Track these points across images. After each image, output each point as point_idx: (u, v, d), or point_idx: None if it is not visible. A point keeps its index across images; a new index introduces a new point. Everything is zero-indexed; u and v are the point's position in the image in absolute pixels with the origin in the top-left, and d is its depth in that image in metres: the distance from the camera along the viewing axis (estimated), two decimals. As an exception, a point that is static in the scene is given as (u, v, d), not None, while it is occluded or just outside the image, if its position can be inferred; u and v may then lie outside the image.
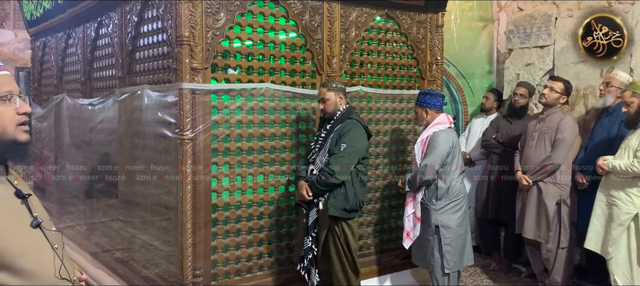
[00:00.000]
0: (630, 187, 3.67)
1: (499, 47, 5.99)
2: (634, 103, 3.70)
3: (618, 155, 3.77)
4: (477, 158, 5.43)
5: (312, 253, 3.55)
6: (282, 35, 3.78)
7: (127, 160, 4.15)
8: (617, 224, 3.72)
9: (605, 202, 3.84)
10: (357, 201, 3.52)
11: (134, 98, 3.93)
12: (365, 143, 3.55)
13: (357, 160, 3.50)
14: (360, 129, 3.53)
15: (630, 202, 3.67)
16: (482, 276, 5.06)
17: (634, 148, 3.65)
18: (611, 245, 3.74)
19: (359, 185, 3.53)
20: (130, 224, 4.17)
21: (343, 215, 3.50)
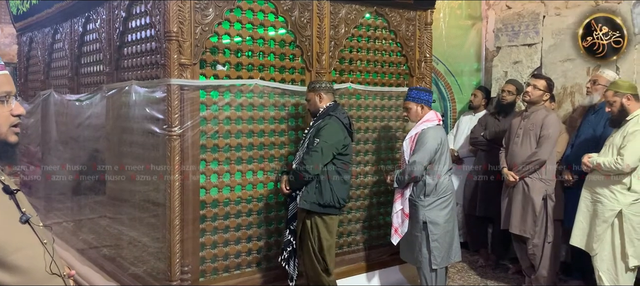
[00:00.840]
0: (614, 184, 3.71)
1: (487, 45, 6.02)
2: (617, 102, 3.75)
3: (602, 153, 3.81)
4: (465, 156, 5.46)
5: (291, 245, 3.63)
6: (271, 32, 3.78)
7: (115, 157, 4.13)
8: (601, 221, 3.76)
9: (590, 199, 3.88)
10: (334, 197, 3.51)
11: (122, 94, 3.91)
12: (340, 139, 3.51)
13: (332, 156, 3.49)
14: (336, 125, 3.52)
15: (614, 199, 3.71)
16: (469, 272, 5.09)
17: (617, 145, 3.69)
18: (596, 241, 3.79)
19: (337, 182, 3.53)
20: (117, 221, 4.15)
21: (315, 209, 3.51)
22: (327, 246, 3.58)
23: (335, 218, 3.63)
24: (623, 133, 3.70)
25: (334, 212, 3.58)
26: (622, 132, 3.72)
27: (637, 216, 3.67)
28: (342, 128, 3.55)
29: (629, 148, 3.60)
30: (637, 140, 3.60)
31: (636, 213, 3.67)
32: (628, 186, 3.67)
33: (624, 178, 3.67)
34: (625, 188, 3.68)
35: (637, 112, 3.71)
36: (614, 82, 3.91)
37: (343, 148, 3.56)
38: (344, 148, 3.56)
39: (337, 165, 3.54)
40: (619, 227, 3.70)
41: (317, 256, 3.58)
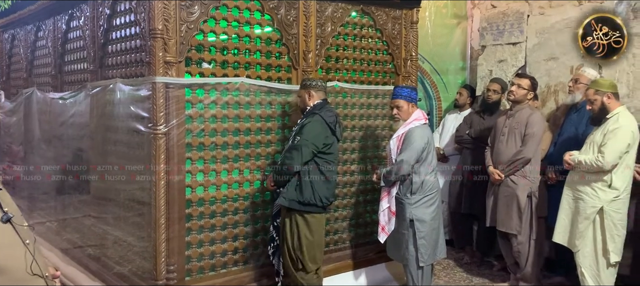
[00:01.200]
0: (595, 181, 3.76)
1: (472, 43, 6.06)
2: (598, 100, 3.80)
3: (583, 151, 3.86)
4: (450, 154, 5.50)
5: (275, 241, 3.66)
6: (257, 30, 3.76)
7: (99, 155, 4.09)
8: (583, 217, 3.81)
9: (571, 196, 3.93)
10: (315, 196, 3.49)
11: (106, 92, 3.87)
12: (321, 138, 3.48)
13: (312, 153, 3.48)
14: (318, 123, 3.50)
15: (596, 196, 3.76)
16: (455, 269, 5.13)
17: (598, 143, 3.75)
18: (578, 238, 3.84)
19: (319, 180, 3.52)
20: (102, 220, 4.12)
21: (295, 207, 3.51)
22: (307, 244, 3.56)
23: (318, 216, 3.60)
24: (603, 131, 3.75)
25: (315, 210, 3.55)
26: (603, 130, 3.77)
27: (617, 213, 3.73)
28: (325, 127, 3.53)
29: (609, 146, 3.65)
30: (617, 138, 3.65)
31: (617, 209, 3.73)
32: (609, 183, 3.73)
33: (605, 176, 3.73)
34: (606, 185, 3.73)
35: (617, 110, 3.77)
36: (595, 81, 3.96)
37: (325, 147, 3.53)
38: (326, 147, 3.53)
39: (319, 163, 3.52)
40: (600, 224, 3.75)
41: (291, 254, 3.59)
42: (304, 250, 3.56)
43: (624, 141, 3.66)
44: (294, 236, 3.57)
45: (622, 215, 3.76)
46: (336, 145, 3.65)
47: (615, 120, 3.73)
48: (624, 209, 3.78)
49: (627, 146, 3.67)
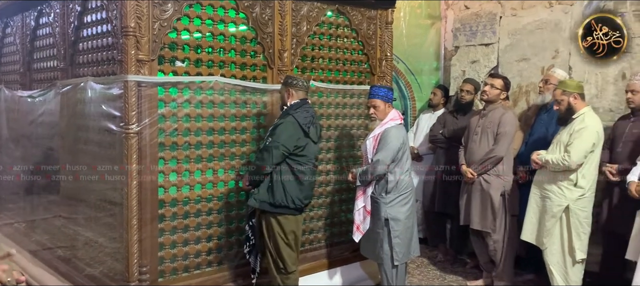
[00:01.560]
0: (562, 180, 3.84)
1: (446, 44, 6.13)
2: (564, 101, 3.88)
3: (550, 150, 3.94)
4: (424, 153, 5.55)
5: (250, 241, 3.64)
6: (232, 28, 3.74)
7: (70, 155, 4.01)
8: (550, 216, 3.88)
9: (539, 195, 4.00)
10: (287, 198, 3.46)
11: (77, 91, 3.80)
12: (292, 140, 3.44)
13: (283, 155, 3.44)
14: (290, 124, 3.46)
15: (562, 195, 3.84)
16: (429, 267, 5.18)
17: (564, 143, 3.83)
18: (545, 236, 3.91)
19: (291, 182, 3.48)
20: (73, 221, 4.04)
21: (266, 209, 3.50)
22: (283, 246, 3.54)
23: (291, 218, 3.56)
24: (569, 131, 3.84)
25: (288, 212, 3.52)
26: (569, 129, 3.85)
27: (583, 211, 3.82)
28: (297, 128, 3.48)
29: (575, 146, 3.73)
30: (582, 137, 3.74)
31: (582, 208, 3.82)
32: (574, 182, 3.81)
33: (571, 175, 3.81)
34: (571, 184, 3.82)
35: (583, 110, 3.86)
36: (562, 82, 4.04)
37: (297, 149, 3.48)
38: (298, 149, 3.49)
39: (291, 165, 3.49)
40: (567, 222, 3.84)
41: (273, 257, 3.58)
42: (282, 251, 3.55)
43: (589, 141, 3.74)
44: (270, 239, 3.55)
45: (587, 213, 3.85)
46: (311, 146, 3.59)
47: (581, 120, 3.82)
48: (589, 207, 3.87)
49: (592, 145, 3.76)
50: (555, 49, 5.02)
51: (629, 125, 4.10)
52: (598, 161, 3.88)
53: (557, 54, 5.01)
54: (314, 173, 3.68)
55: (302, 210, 3.66)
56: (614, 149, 4.17)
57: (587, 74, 4.83)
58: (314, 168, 3.67)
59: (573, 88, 3.88)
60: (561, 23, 4.97)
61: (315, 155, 3.68)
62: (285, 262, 3.57)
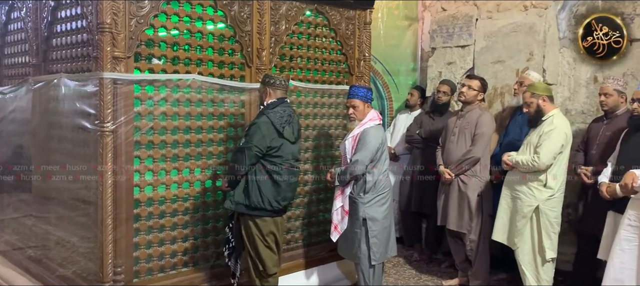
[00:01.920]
0: (532, 181, 3.92)
1: (423, 45, 6.19)
2: (533, 103, 3.96)
3: (521, 151, 4.01)
4: (401, 153, 5.59)
5: (229, 243, 3.62)
6: (210, 26, 3.70)
7: (42, 153, 3.93)
8: (521, 216, 3.95)
9: (509, 196, 4.07)
10: (263, 200, 3.42)
11: (50, 88, 3.72)
12: (265, 140, 3.38)
13: (257, 156, 3.40)
14: (262, 124, 3.41)
15: (532, 195, 3.91)
16: (405, 266, 5.22)
17: (534, 144, 3.90)
18: (517, 236, 3.98)
19: (267, 183, 3.44)
20: (44, 220, 3.95)
21: (242, 211, 3.47)
22: (262, 248, 3.51)
23: (269, 220, 3.51)
24: (539, 132, 3.91)
25: (265, 214, 3.48)
26: (538, 131, 3.93)
27: (552, 211, 3.90)
28: (270, 128, 3.42)
29: (545, 147, 3.81)
30: (551, 139, 3.81)
31: (552, 208, 3.90)
32: (544, 182, 3.89)
33: (541, 175, 3.88)
34: (541, 184, 3.89)
35: (552, 112, 3.94)
36: (531, 85, 4.12)
37: (271, 150, 3.43)
38: (272, 150, 3.43)
39: (266, 166, 3.44)
40: (537, 222, 3.91)
41: (252, 259, 3.55)
42: (261, 253, 3.52)
43: (558, 142, 3.82)
44: (249, 241, 3.53)
45: (557, 213, 3.93)
46: (288, 146, 3.53)
47: (550, 122, 3.89)
48: (559, 207, 3.95)
49: (561, 147, 3.84)
50: (530, 51, 5.11)
51: (603, 128, 4.20)
52: (567, 162, 3.96)
53: (531, 56, 5.10)
54: (292, 173, 3.59)
55: (281, 211, 3.61)
56: (588, 151, 4.26)
57: (559, 77, 4.92)
58: (293, 168, 3.59)
59: (541, 91, 3.96)
60: (536, 26, 5.06)
61: (294, 155, 3.61)
62: (265, 264, 3.53)
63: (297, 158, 3.66)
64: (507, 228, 4.07)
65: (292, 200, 3.69)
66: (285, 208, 3.64)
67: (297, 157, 3.67)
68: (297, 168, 3.66)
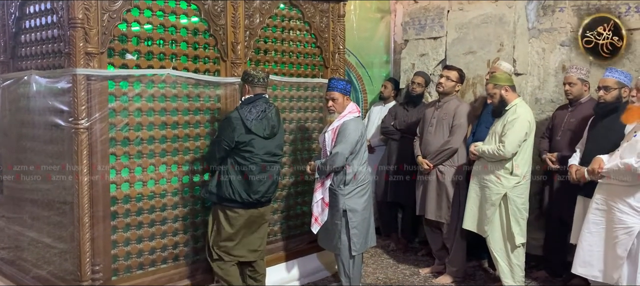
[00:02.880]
0: (498, 169, 4.01)
1: (395, 38, 6.24)
2: (496, 94, 4.06)
3: (487, 141, 4.10)
4: (376, 145, 5.64)
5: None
6: (183, 20, 3.66)
7: (13, 152, 3.84)
8: (489, 204, 4.04)
9: (478, 185, 4.16)
10: (234, 193, 3.45)
11: (20, 85, 3.63)
12: (232, 134, 3.41)
13: (224, 149, 3.45)
14: (230, 120, 3.44)
15: (499, 183, 4.00)
16: (382, 256, 5.28)
17: (499, 133, 4.00)
18: (486, 224, 4.08)
19: (237, 178, 3.47)
20: (17, 221, 3.86)
21: (214, 200, 3.53)
22: (225, 236, 3.55)
23: (240, 211, 3.53)
24: (503, 121, 4.01)
25: (236, 205, 3.51)
26: (502, 120, 4.02)
27: (520, 198, 4.00)
28: (238, 124, 3.43)
29: (509, 136, 3.90)
30: (515, 127, 3.91)
31: (519, 195, 4.00)
32: (510, 170, 3.98)
33: (507, 164, 3.98)
34: (508, 172, 3.99)
35: (515, 101, 4.04)
36: (493, 76, 4.20)
37: (240, 144, 3.45)
38: (240, 145, 3.45)
39: (237, 160, 3.48)
40: (505, 209, 4.01)
41: (209, 244, 3.60)
42: (221, 242, 3.56)
43: (521, 130, 3.92)
44: (213, 227, 3.58)
45: (524, 200, 4.03)
46: (259, 142, 3.50)
47: (513, 111, 3.99)
48: (526, 194, 4.05)
49: (525, 134, 3.93)
50: (500, 42, 5.21)
51: (567, 115, 4.33)
52: (531, 149, 4.06)
53: (502, 47, 5.20)
54: (267, 168, 3.58)
55: (255, 204, 3.58)
56: (553, 138, 4.39)
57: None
58: (265, 164, 3.56)
59: (503, 82, 4.06)
60: (505, 17, 5.16)
61: (268, 150, 3.58)
62: (220, 253, 3.58)
63: (274, 153, 3.64)
64: (477, 216, 4.16)
65: (268, 194, 3.65)
66: (260, 201, 3.61)
67: (274, 152, 3.64)
68: (273, 163, 3.64)
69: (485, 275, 4.78)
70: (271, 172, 3.63)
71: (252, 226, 3.66)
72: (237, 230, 3.56)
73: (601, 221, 3.46)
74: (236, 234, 3.57)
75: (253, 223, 3.65)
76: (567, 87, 4.30)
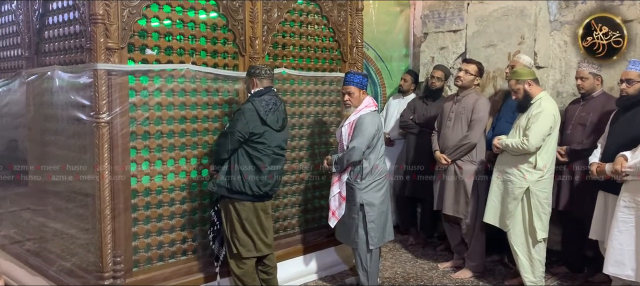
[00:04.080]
0: (522, 163, 3.96)
1: (415, 31, 6.20)
2: (520, 89, 4.00)
3: (511, 135, 4.06)
4: (395, 138, 5.62)
5: (215, 225, 3.67)
6: (202, 15, 3.70)
7: (38, 145, 3.93)
8: (512, 198, 4.00)
9: (500, 178, 4.12)
10: (245, 185, 3.45)
11: (44, 80, 3.71)
12: (247, 126, 3.41)
13: (239, 141, 3.44)
14: (247, 111, 3.44)
15: (522, 177, 3.95)
16: (401, 251, 5.28)
17: (523, 127, 3.95)
18: (508, 218, 4.03)
19: (249, 170, 3.47)
20: (42, 213, 3.96)
21: (224, 194, 3.52)
22: (239, 232, 3.54)
23: (248, 205, 3.53)
24: (527, 115, 3.96)
25: (245, 198, 3.50)
26: (527, 114, 3.97)
27: (543, 192, 3.95)
28: (254, 115, 3.44)
29: (533, 129, 3.85)
30: (539, 121, 3.85)
31: (542, 189, 3.95)
32: (534, 164, 3.93)
33: (530, 158, 3.92)
34: (531, 166, 3.93)
35: (540, 95, 3.98)
36: (515, 71, 4.14)
37: (254, 136, 3.45)
38: (254, 136, 3.45)
39: (249, 152, 3.47)
40: (528, 203, 3.96)
41: (228, 241, 3.59)
42: (236, 237, 3.55)
43: (546, 124, 3.86)
44: (227, 223, 3.57)
45: (547, 194, 3.98)
46: (272, 134, 3.52)
47: (537, 104, 3.94)
48: (549, 188, 4.00)
49: (549, 128, 3.88)
50: (521, 35, 5.14)
51: (579, 109, 4.28)
52: (556, 143, 4.01)
53: (523, 40, 5.14)
54: (276, 161, 3.59)
55: (263, 197, 3.59)
56: (564, 131, 4.33)
57: (551, 60, 4.95)
58: (276, 156, 3.58)
59: (526, 76, 4.00)
60: (526, 9, 5.09)
61: (278, 143, 3.60)
62: (239, 248, 3.56)
63: (282, 147, 3.65)
64: (499, 210, 4.12)
65: (275, 187, 3.67)
66: (268, 194, 3.62)
67: (282, 146, 3.65)
68: (281, 157, 3.66)
69: (505, 269, 4.74)
70: (279, 165, 3.64)
71: (259, 219, 3.62)
72: (247, 223, 3.56)
73: (630, 219, 3.40)
74: (247, 227, 3.56)
75: (259, 216, 3.62)
76: (579, 81, 4.26)
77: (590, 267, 4.41)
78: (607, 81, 4.49)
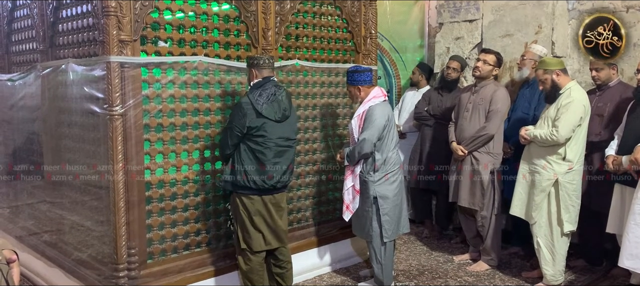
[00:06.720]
0: (550, 154, 3.89)
1: (430, 21, 6.13)
2: (548, 79, 3.92)
3: (539, 125, 3.98)
4: (408, 131, 5.57)
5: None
6: (214, 7, 3.69)
7: (53, 138, 3.96)
8: (539, 190, 3.93)
9: (528, 170, 4.05)
10: (248, 179, 3.40)
11: (58, 73, 3.73)
12: (243, 120, 3.33)
13: (237, 135, 3.39)
14: (242, 105, 3.37)
15: (551, 169, 3.88)
16: (416, 243, 5.24)
17: (552, 118, 3.87)
18: (534, 210, 3.97)
19: (251, 162, 3.42)
20: (58, 205, 4.00)
21: (229, 188, 3.51)
22: (248, 226, 3.48)
23: (255, 198, 3.47)
24: (557, 106, 3.87)
25: (250, 192, 3.45)
26: (556, 104, 3.88)
27: (571, 184, 3.87)
28: (249, 109, 3.34)
29: (563, 120, 3.77)
30: (569, 112, 3.77)
31: (570, 181, 3.87)
32: (563, 156, 3.85)
33: (559, 149, 3.85)
34: (560, 158, 3.86)
35: (569, 85, 3.89)
36: (542, 61, 4.05)
37: (252, 129, 3.38)
38: (252, 129, 3.37)
39: (249, 145, 3.41)
40: (555, 195, 3.89)
41: (237, 235, 3.56)
42: (245, 231, 3.51)
43: (576, 114, 3.78)
44: (235, 217, 3.55)
45: (576, 186, 3.90)
46: (272, 126, 3.41)
47: (567, 94, 3.85)
48: (578, 180, 3.92)
49: (579, 119, 3.79)
50: (539, 24, 5.05)
51: (595, 100, 4.19)
52: (585, 134, 3.92)
53: (540, 29, 5.04)
54: (281, 154, 3.50)
55: (271, 190, 3.52)
56: None
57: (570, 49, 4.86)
58: (279, 148, 3.47)
59: (554, 66, 3.91)
60: (544, -2, 5.00)
61: (283, 134, 3.49)
62: (248, 243, 3.51)
63: (288, 138, 3.54)
64: (525, 202, 4.06)
65: (283, 179, 3.56)
66: (276, 187, 3.53)
67: (288, 136, 3.53)
68: (288, 148, 3.54)
69: (521, 262, 4.68)
70: (286, 157, 3.54)
71: (270, 213, 3.55)
72: (256, 217, 3.50)
73: (648, 212, 3.33)
74: (255, 221, 3.50)
75: (269, 210, 3.54)
76: (594, 72, 4.20)
77: (609, 260, 4.33)
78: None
